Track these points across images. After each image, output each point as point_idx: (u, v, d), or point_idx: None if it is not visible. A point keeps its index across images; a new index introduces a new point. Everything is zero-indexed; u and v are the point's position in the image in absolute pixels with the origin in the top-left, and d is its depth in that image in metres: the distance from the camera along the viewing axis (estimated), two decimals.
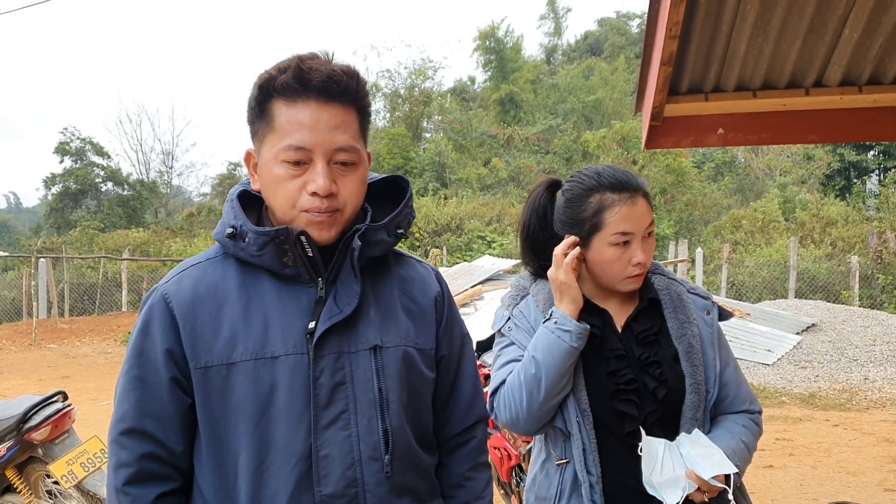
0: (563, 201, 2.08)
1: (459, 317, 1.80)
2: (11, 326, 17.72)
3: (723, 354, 2.06)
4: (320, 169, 1.46)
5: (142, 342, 1.52)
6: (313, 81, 1.46)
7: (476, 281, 14.24)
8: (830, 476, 6.32)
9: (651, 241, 2.00)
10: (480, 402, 1.81)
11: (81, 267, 22.86)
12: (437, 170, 31.26)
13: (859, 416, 8.49)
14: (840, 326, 11.85)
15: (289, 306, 1.52)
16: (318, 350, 1.49)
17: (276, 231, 1.48)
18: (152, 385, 1.50)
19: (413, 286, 1.70)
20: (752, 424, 2.05)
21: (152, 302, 1.54)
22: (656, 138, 3.95)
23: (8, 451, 4.22)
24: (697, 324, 2.03)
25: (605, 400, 1.96)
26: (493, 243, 23.72)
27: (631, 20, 49.82)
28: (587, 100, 36.29)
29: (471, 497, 1.74)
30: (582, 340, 1.93)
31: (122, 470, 1.49)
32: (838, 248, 20.04)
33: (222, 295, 1.52)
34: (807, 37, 3.37)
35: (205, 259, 1.59)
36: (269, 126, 1.49)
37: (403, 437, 1.57)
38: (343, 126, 1.49)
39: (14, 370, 12.60)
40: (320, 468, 1.47)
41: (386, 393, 1.54)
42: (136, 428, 1.50)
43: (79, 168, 35.97)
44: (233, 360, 1.48)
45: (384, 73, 36.87)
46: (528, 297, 2.13)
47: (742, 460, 1.95)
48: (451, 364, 1.74)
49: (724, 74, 3.68)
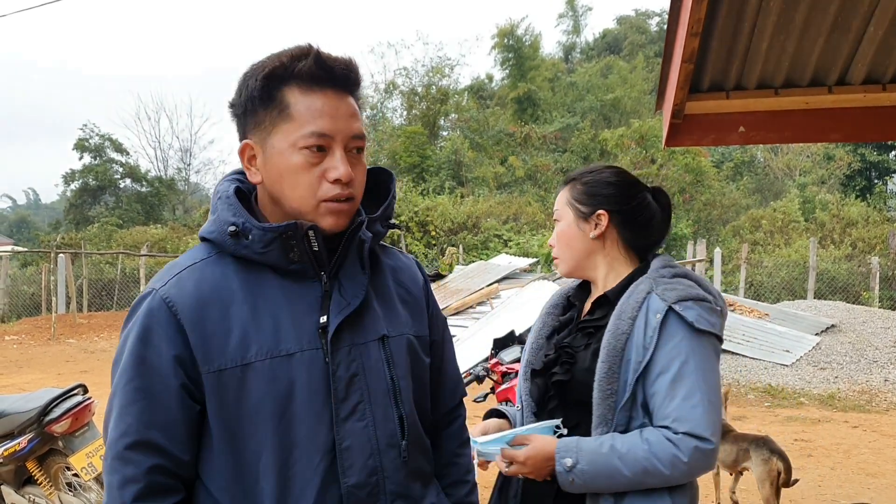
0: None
1: (438, 303, 1.86)
2: (31, 321, 17.88)
3: (661, 363, 1.86)
4: (340, 156, 1.47)
5: (142, 351, 1.45)
6: (336, 70, 1.47)
7: (492, 279, 14.24)
8: (849, 477, 6.28)
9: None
10: (461, 382, 1.89)
11: (100, 263, 23.02)
12: (453, 168, 31.23)
13: (879, 418, 8.43)
14: (860, 327, 11.77)
15: (296, 302, 1.51)
16: (333, 344, 1.49)
17: (286, 226, 1.46)
18: (158, 394, 1.44)
19: (403, 276, 1.72)
20: (656, 440, 1.83)
21: (150, 307, 1.47)
22: (677, 136, 3.93)
23: (29, 444, 4.26)
24: (637, 323, 1.89)
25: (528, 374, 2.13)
26: (509, 242, 23.68)
27: (650, 18, 49.60)
28: (605, 98, 36.13)
29: (461, 473, 1.81)
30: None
31: (131, 486, 1.42)
32: (858, 249, 19.90)
33: (227, 295, 1.48)
34: (830, 34, 3.33)
35: (199, 260, 1.53)
36: (282, 114, 1.47)
37: (414, 422, 1.61)
38: (356, 114, 1.52)
39: (33, 364, 12.72)
40: (344, 460, 1.48)
41: (397, 381, 1.57)
42: (143, 440, 1.43)
43: (97, 165, 36.26)
44: (247, 360, 1.45)
45: (401, 71, 36.84)
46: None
47: (589, 462, 1.83)
48: (438, 349, 1.79)
49: (745, 72, 3.65)
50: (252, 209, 1.57)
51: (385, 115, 37.59)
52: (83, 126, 36.60)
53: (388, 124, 35.98)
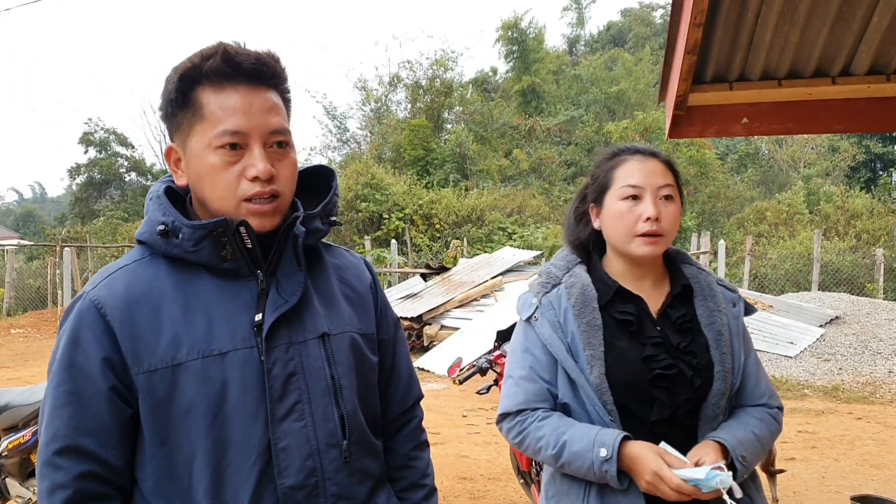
0: (591, 171, 2.14)
1: (389, 302, 1.83)
2: (36, 314, 17.95)
3: (746, 346, 2.06)
4: (258, 153, 1.44)
5: (72, 353, 1.42)
6: (244, 65, 1.44)
7: (496, 272, 14.23)
8: (853, 469, 6.27)
9: (671, 208, 1.97)
10: (416, 384, 1.86)
11: (105, 256, 23.04)
12: (457, 161, 31.18)
13: (883, 410, 8.42)
14: (864, 319, 11.74)
15: (230, 301, 1.48)
16: (268, 342, 1.47)
17: (215, 223, 1.44)
18: (88, 398, 1.41)
19: (349, 274, 1.71)
20: (768, 419, 2.03)
21: (80, 309, 1.45)
22: (680, 128, 3.92)
23: (33, 436, 4.27)
24: (726, 313, 2.03)
25: (637, 387, 1.93)
26: (513, 235, 23.64)
27: (654, 10, 49.35)
28: (610, 91, 36.03)
29: (417, 476, 1.78)
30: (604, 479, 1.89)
31: (59, 492, 1.39)
32: (863, 241, 19.86)
33: (158, 296, 1.46)
34: (834, 24, 3.32)
35: (131, 262, 1.51)
36: (196, 115, 1.44)
37: (357, 421, 1.58)
38: (275, 108, 1.48)
39: (39, 357, 12.77)
40: (280, 461, 1.46)
41: (338, 379, 1.54)
42: (72, 445, 1.40)
43: (103, 158, 36.27)
44: (178, 360, 1.42)
45: (405, 64, 36.75)
46: (560, 288, 2.07)
47: (750, 452, 1.91)
48: (389, 348, 1.77)
49: (748, 63, 3.64)
50: (187, 211, 1.55)
51: (389, 108, 37.53)
52: (88, 120, 36.82)
53: (392, 117, 35.91)
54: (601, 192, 2.05)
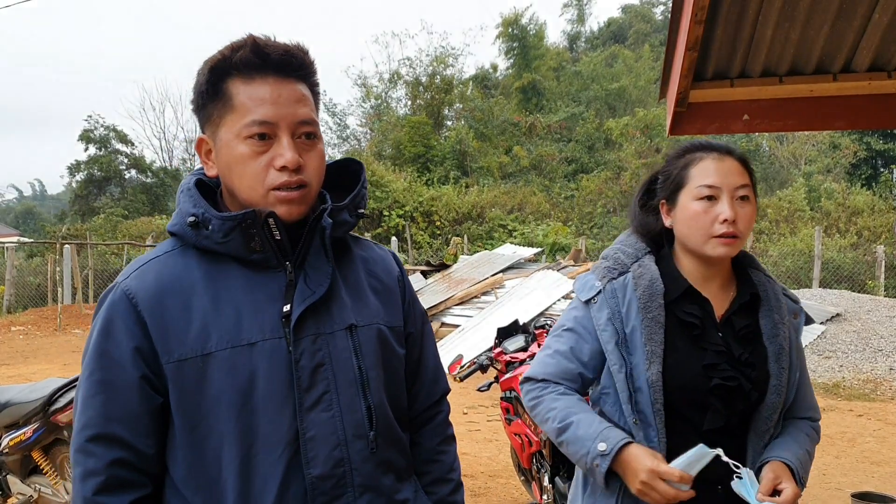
0: (662, 166, 2.09)
1: (417, 296, 1.83)
2: (37, 312, 17.93)
3: (800, 358, 2.04)
4: (286, 143, 1.45)
5: (104, 343, 1.46)
6: (272, 56, 1.46)
7: (497, 269, 14.22)
8: (854, 466, 6.28)
9: (747, 208, 1.92)
10: (443, 377, 1.84)
11: (105, 253, 23.07)
12: (458, 158, 31.20)
13: (884, 407, 8.42)
14: (865, 316, 11.73)
15: (259, 292, 1.49)
16: (296, 333, 1.48)
17: (244, 215, 1.45)
18: (119, 387, 1.44)
19: (376, 266, 1.71)
20: (813, 434, 2.05)
21: (112, 300, 1.48)
22: (681, 125, 3.91)
23: (34, 433, 4.27)
24: (788, 325, 2.00)
25: (694, 392, 1.90)
26: (514, 232, 23.67)
27: (655, 7, 49.37)
28: (610, 87, 36.03)
29: (444, 470, 1.77)
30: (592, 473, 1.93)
31: (92, 479, 1.42)
32: (864, 238, 19.83)
33: (188, 286, 1.48)
34: (835, 21, 3.32)
35: (162, 253, 1.54)
36: (226, 106, 1.47)
37: (384, 413, 1.58)
38: (304, 100, 1.50)
39: (39, 355, 12.77)
40: (307, 451, 1.46)
41: (365, 371, 1.55)
42: (104, 433, 1.43)
43: (103, 156, 36.24)
44: (207, 350, 1.44)
45: (405, 61, 36.77)
46: (627, 277, 2.00)
47: (805, 471, 1.94)
48: (416, 341, 1.76)
49: (749, 60, 3.64)
50: (217, 203, 1.56)
51: (389, 105, 37.55)
52: (88, 117, 36.62)
53: (392, 114, 35.93)
54: (675, 190, 1.98)
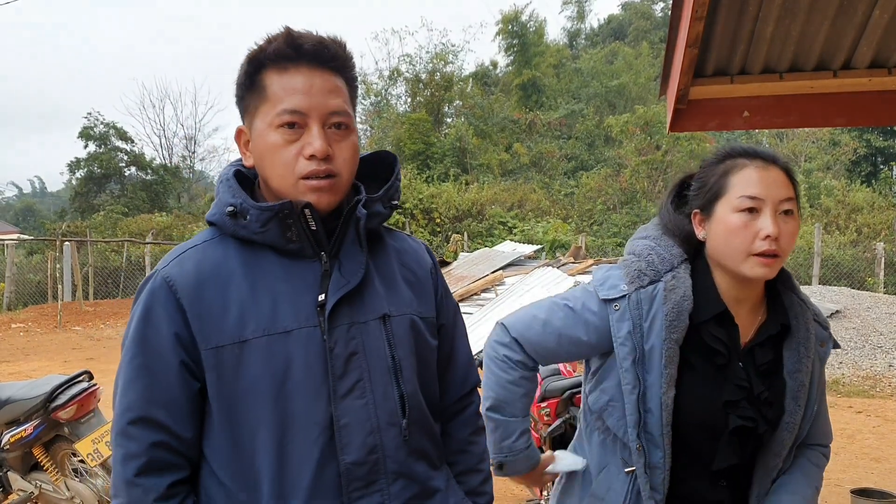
0: (697, 174, 1.89)
1: (449, 289, 1.85)
2: (37, 309, 17.94)
3: (820, 389, 1.91)
4: (316, 132, 1.47)
5: (144, 329, 1.49)
6: (305, 47, 1.48)
7: (497, 266, 14.24)
8: (853, 462, 6.28)
9: (790, 224, 1.73)
10: (474, 370, 1.86)
11: (105, 251, 23.07)
12: (457, 155, 31.18)
13: (883, 403, 8.43)
14: (864, 313, 11.74)
15: (295, 281, 1.52)
16: (331, 321, 1.50)
17: (281, 205, 1.48)
18: (159, 372, 1.47)
19: (409, 258, 1.73)
20: (823, 461, 1.97)
21: (153, 287, 1.51)
22: (681, 121, 3.91)
23: (35, 430, 4.28)
24: (813, 359, 1.85)
25: (712, 430, 1.79)
26: (514, 229, 23.67)
27: (655, 4, 49.29)
28: (610, 84, 36.01)
29: (474, 461, 1.79)
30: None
31: (132, 461, 1.46)
32: (864, 235, 19.85)
33: (226, 274, 1.51)
34: (836, 18, 3.31)
35: (201, 242, 1.57)
36: (261, 97, 1.50)
37: (417, 402, 1.60)
38: (336, 90, 1.51)
39: (40, 352, 12.77)
40: (342, 437, 1.48)
41: (398, 360, 1.57)
42: (144, 417, 1.46)
43: (103, 153, 36.21)
44: (244, 337, 1.47)
45: (405, 58, 36.69)
46: (659, 286, 1.81)
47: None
48: (448, 333, 1.78)
49: (750, 56, 3.63)
50: (253, 193, 1.58)
51: (389, 102, 37.52)
52: (88, 114, 36.60)
53: (392, 111, 35.90)
54: (711, 200, 1.79)
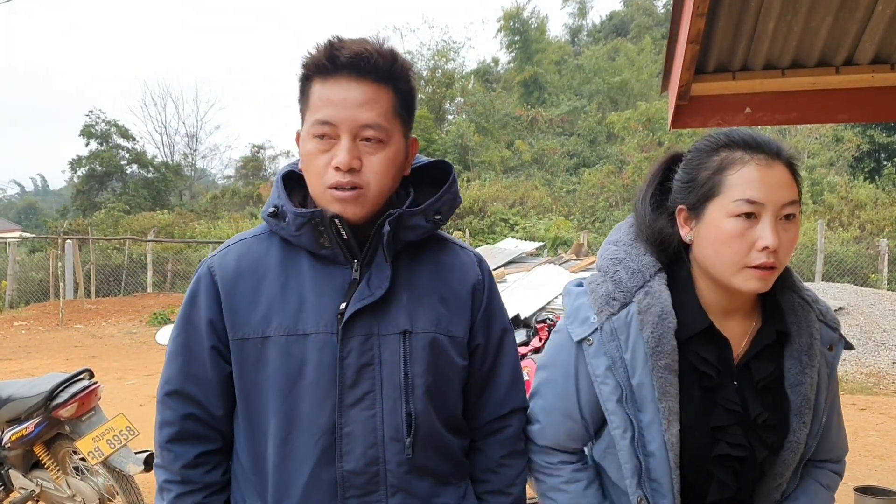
0: (684, 161, 1.64)
1: (501, 307, 1.75)
2: (39, 307, 17.97)
3: (830, 399, 1.69)
4: (344, 144, 1.49)
5: (189, 310, 1.62)
6: (341, 58, 1.49)
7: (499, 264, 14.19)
8: (856, 460, 6.26)
9: (791, 231, 1.51)
10: (520, 393, 1.78)
11: (107, 248, 23.07)
12: (459, 152, 31.14)
13: (887, 400, 8.41)
14: (868, 310, 11.71)
15: (324, 286, 1.56)
16: (346, 331, 1.52)
17: (312, 213, 1.52)
18: (196, 352, 1.60)
19: (451, 273, 1.69)
20: (834, 480, 1.77)
21: (200, 273, 1.63)
22: (683, 118, 3.90)
23: (36, 428, 4.27)
24: (819, 366, 1.62)
25: (699, 459, 1.59)
26: (515, 226, 23.63)
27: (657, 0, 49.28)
28: (612, 81, 35.96)
29: (503, 483, 1.75)
30: None
31: (166, 428, 1.61)
32: (867, 231, 19.77)
33: (262, 270, 1.58)
34: (838, 13, 3.30)
35: (252, 235, 1.66)
36: (306, 104, 1.54)
37: (427, 420, 1.59)
38: (371, 103, 1.50)
39: (41, 350, 12.78)
40: (343, 445, 1.52)
41: (412, 377, 1.57)
42: (180, 390, 1.61)
43: (104, 151, 36.23)
44: (267, 334, 1.54)
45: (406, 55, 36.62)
46: (631, 309, 1.58)
47: None
48: (488, 354, 1.72)
49: (751, 53, 3.62)
50: (305, 194, 1.63)
51: None
52: (89, 112, 36.60)
53: None
54: (702, 199, 1.55)
